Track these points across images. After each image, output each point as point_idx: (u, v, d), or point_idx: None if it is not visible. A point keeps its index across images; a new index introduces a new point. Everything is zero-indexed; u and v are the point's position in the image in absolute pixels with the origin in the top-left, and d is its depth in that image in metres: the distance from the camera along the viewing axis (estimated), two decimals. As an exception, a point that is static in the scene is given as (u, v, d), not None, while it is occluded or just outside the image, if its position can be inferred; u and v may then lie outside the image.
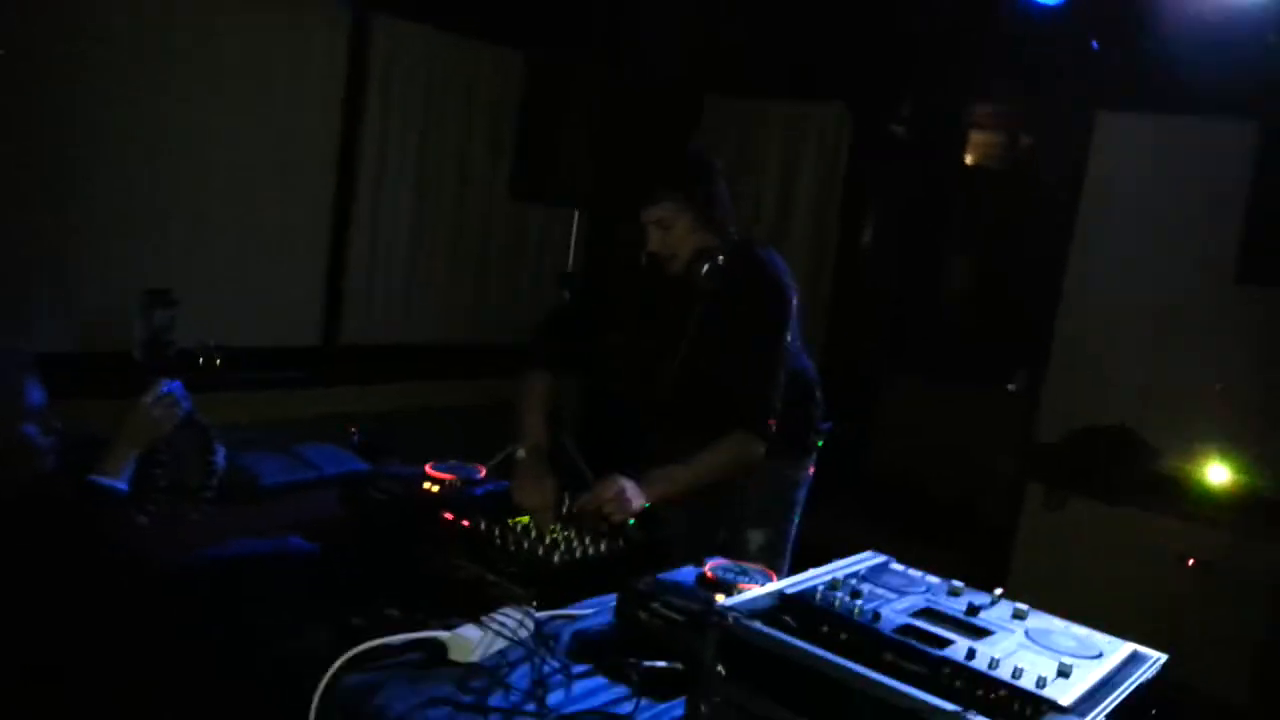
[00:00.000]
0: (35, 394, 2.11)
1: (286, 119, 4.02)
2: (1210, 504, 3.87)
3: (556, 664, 1.75)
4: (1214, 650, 3.57)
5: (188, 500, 2.26)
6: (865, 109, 4.79)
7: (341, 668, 1.63)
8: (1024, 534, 4.30)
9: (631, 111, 4.52)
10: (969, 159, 4.95)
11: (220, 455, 2.32)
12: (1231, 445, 3.86)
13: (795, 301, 2.61)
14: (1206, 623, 3.67)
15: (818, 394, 2.87)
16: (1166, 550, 3.86)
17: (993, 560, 4.25)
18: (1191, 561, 3.80)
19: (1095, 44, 3.90)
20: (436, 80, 4.50)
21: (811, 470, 2.89)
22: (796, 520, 2.86)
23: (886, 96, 4.84)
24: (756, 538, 2.72)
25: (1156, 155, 3.98)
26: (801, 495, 2.86)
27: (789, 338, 2.59)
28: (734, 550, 2.27)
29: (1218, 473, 3.87)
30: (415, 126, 4.46)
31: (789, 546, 2.82)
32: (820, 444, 2.89)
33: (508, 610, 1.84)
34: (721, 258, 2.52)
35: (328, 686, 1.61)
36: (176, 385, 2.28)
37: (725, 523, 2.76)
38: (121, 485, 2.07)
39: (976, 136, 4.92)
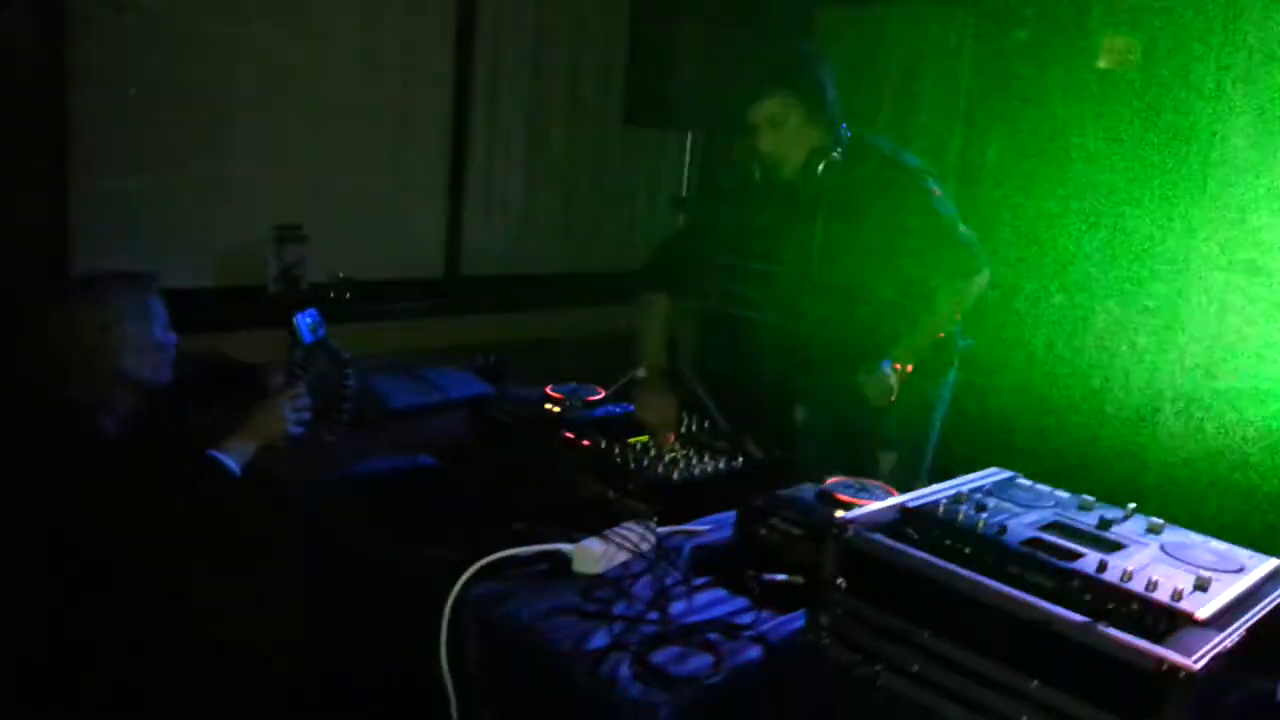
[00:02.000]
0: (159, 316, 2.15)
1: (399, 55, 4.08)
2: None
3: (678, 576, 1.78)
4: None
5: (323, 423, 2.35)
6: (988, 12, 4.54)
7: (472, 578, 1.70)
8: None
9: (742, 29, 4.41)
10: (1101, 63, 4.65)
11: (352, 379, 2.40)
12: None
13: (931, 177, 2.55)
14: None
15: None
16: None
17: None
18: None
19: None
20: (546, 8, 4.48)
21: (949, 390, 2.82)
22: (934, 441, 2.80)
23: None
24: (889, 459, 2.69)
25: None
26: (939, 416, 2.80)
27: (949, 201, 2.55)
28: (867, 472, 2.24)
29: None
30: (526, 57, 4.47)
31: (925, 469, 2.76)
32: (957, 361, 2.81)
33: (630, 525, 1.88)
34: (838, 152, 2.47)
35: (458, 596, 1.68)
36: (312, 312, 2.35)
37: (858, 443, 2.73)
38: (234, 468, 2.05)
39: (1108, 38, 4.60)
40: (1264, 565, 1.49)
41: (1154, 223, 3.77)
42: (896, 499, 1.66)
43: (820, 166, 2.46)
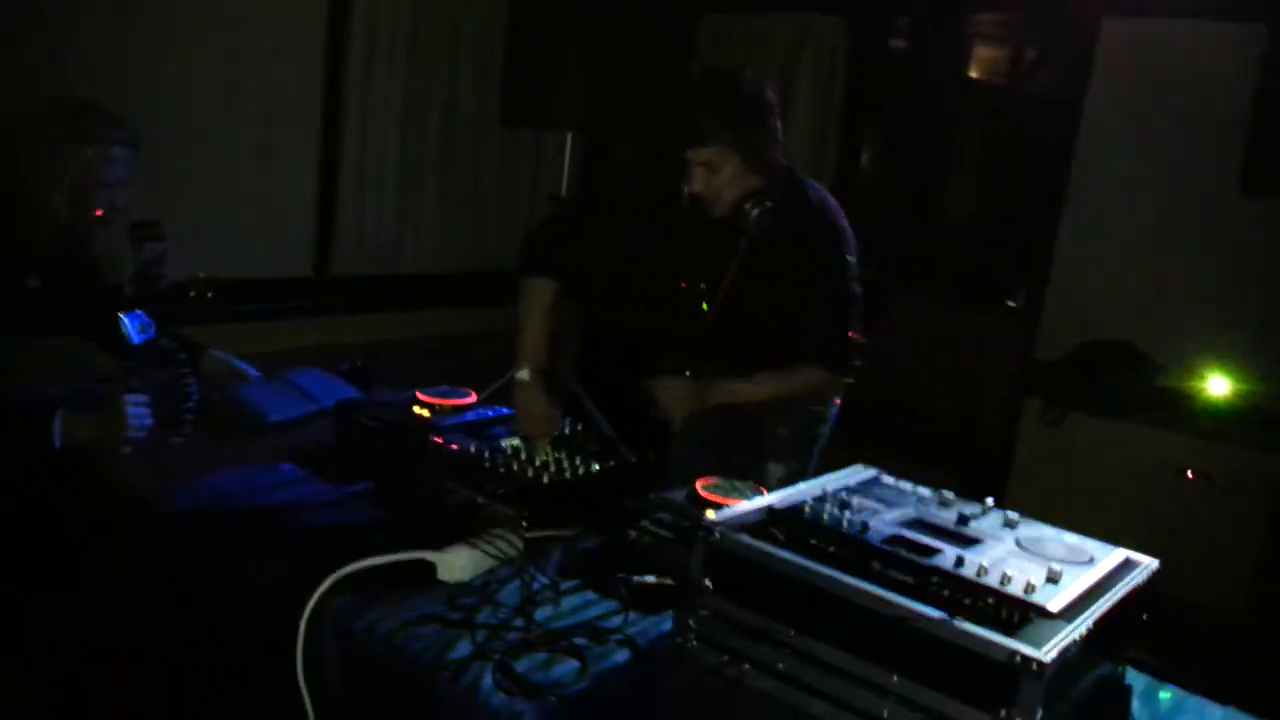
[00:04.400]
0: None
1: (271, 49, 3.94)
2: (1210, 417, 3.84)
3: (545, 580, 1.75)
4: (1213, 561, 3.59)
5: (168, 426, 2.25)
6: (863, 22, 4.66)
7: (332, 588, 1.63)
8: (1022, 450, 4.30)
9: (626, 29, 4.41)
10: (971, 73, 4.83)
11: (193, 380, 2.33)
12: (1232, 358, 3.82)
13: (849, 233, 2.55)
14: (1206, 535, 3.68)
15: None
16: (1166, 464, 3.86)
17: (991, 477, 4.25)
18: (1191, 474, 3.80)
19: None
20: (422, 2, 4.38)
21: (837, 403, 2.82)
22: (818, 453, 2.80)
23: (885, 9, 4.71)
24: (777, 470, 2.65)
25: (1160, 63, 3.85)
26: (826, 430, 2.80)
27: (856, 265, 2.54)
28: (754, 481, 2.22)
29: (1218, 385, 3.84)
30: (401, 52, 4.37)
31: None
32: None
33: (498, 531, 1.83)
34: (770, 203, 2.39)
35: (315, 607, 1.61)
36: (138, 314, 2.30)
37: (747, 454, 2.70)
38: (57, 438, 2.09)
39: (978, 49, 4.79)
40: (1112, 556, 1.55)
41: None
42: (763, 499, 1.67)
43: (754, 214, 2.39)
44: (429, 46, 4.46)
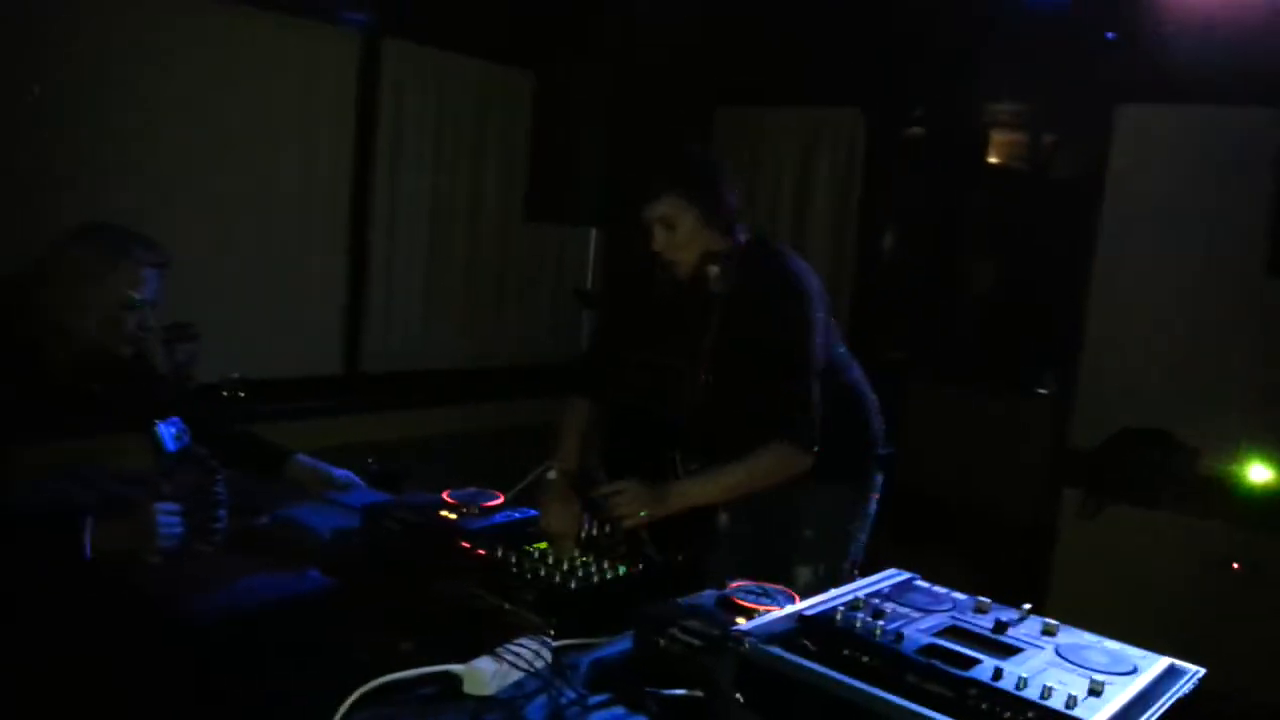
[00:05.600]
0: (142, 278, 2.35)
1: (299, 146, 4.06)
2: (1253, 505, 3.76)
3: (573, 695, 1.71)
4: (1262, 655, 3.47)
5: (197, 534, 2.23)
6: (879, 113, 4.75)
7: (355, 704, 1.61)
8: (1062, 542, 4.20)
9: (642, 125, 4.50)
10: (990, 159, 4.88)
11: (222, 487, 2.29)
12: (1267, 443, 3.75)
13: (819, 298, 2.49)
14: (1253, 627, 3.56)
15: (873, 409, 2.73)
16: (1210, 554, 3.76)
17: (1030, 571, 4.16)
18: (1237, 566, 3.70)
19: (1111, 35, 3.83)
20: (447, 102, 4.53)
21: (874, 501, 2.72)
22: (854, 554, 2.69)
23: (900, 99, 4.79)
24: (804, 574, 2.58)
25: (1179, 148, 3.89)
26: (859, 528, 2.70)
27: (820, 339, 2.46)
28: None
29: (1259, 472, 3.76)
30: (428, 150, 4.49)
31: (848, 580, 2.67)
32: (880, 473, 2.73)
33: (524, 640, 1.80)
34: (729, 259, 2.46)
35: (340, 725, 1.58)
36: (175, 421, 2.30)
37: (775, 556, 2.63)
38: (87, 547, 2.08)
39: (995, 136, 4.85)
40: (1155, 665, 1.50)
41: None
42: (794, 607, 1.63)
43: (713, 271, 2.45)
44: (455, 144, 4.57)
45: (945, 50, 4.32)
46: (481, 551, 2.11)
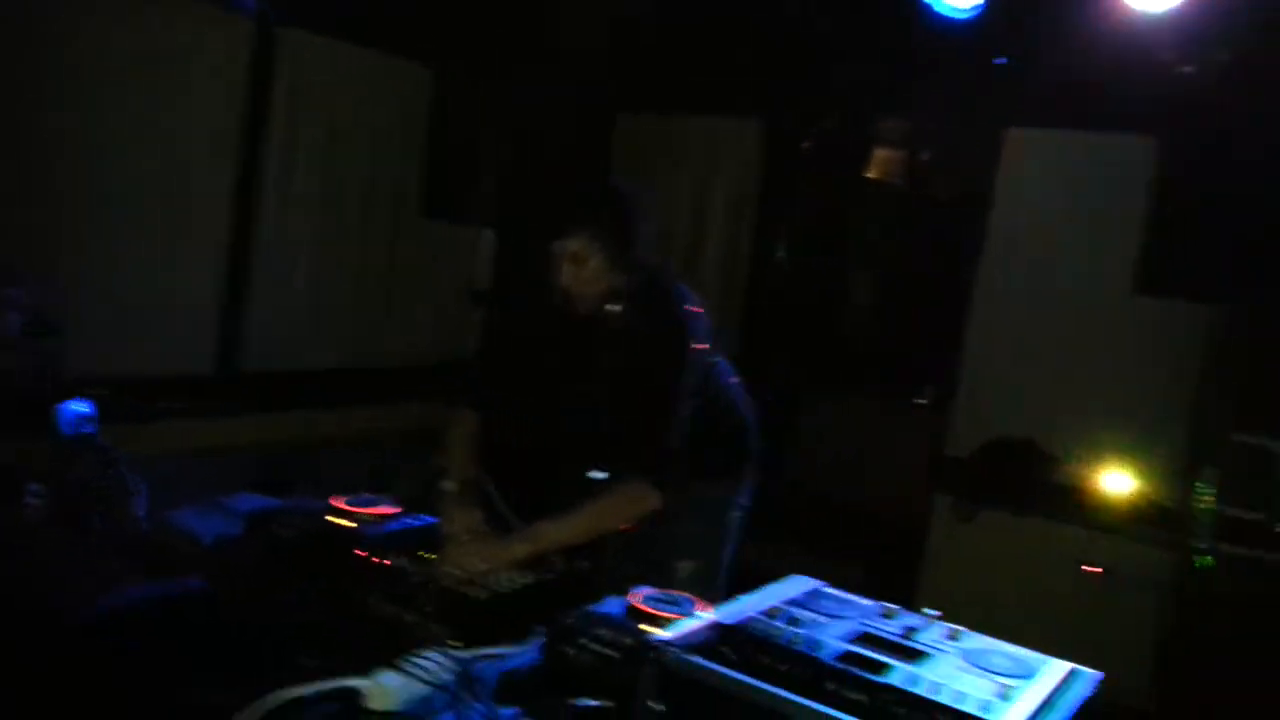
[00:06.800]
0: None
1: (184, 132, 3.84)
2: (1110, 511, 3.97)
3: (482, 709, 1.66)
4: (1117, 656, 3.66)
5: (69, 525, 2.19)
6: (777, 125, 4.82)
7: (253, 723, 1.52)
8: (933, 546, 4.36)
9: (544, 127, 4.45)
10: (880, 174, 5.02)
11: (113, 480, 2.25)
12: (1129, 453, 3.97)
13: (697, 331, 2.48)
14: (1107, 627, 3.75)
15: (750, 428, 2.80)
16: (1070, 558, 3.95)
17: (904, 570, 4.30)
18: (1086, 568, 3.89)
19: (1003, 60, 3.99)
20: (343, 95, 4.35)
21: (746, 499, 2.80)
22: (731, 549, 2.77)
23: (798, 112, 4.88)
24: (686, 566, 2.61)
25: (1060, 170, 4.09)
26: (733, 521, 2.78)
27: (690, 371, 2.44)
28: (662, 580, 2.18)
29: (1117, 480, 3.98)
30: (320, 142, 4.30)
31: (722, 576, 2.71)
32: (752, 468, 2.80)
33: (429, 653, 1.75)
34: (628, 297, 2.44)
35: (238, 744, 1.49)
36: (86, 403, 2.27)
37: (653, 552, 2.62)
38: None
39: (885, 152, 4.99)
40: (1056, 670, 1.56)
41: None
42: (710, 615, 1.63)
43: (612, 310, 2.44)
44: (349, 135, 4.40)
45: (843, 65, 4.42)
46: (387, 561, 2.03)
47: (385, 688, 1.64)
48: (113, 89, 3.60)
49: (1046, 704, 1.44)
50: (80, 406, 2.24)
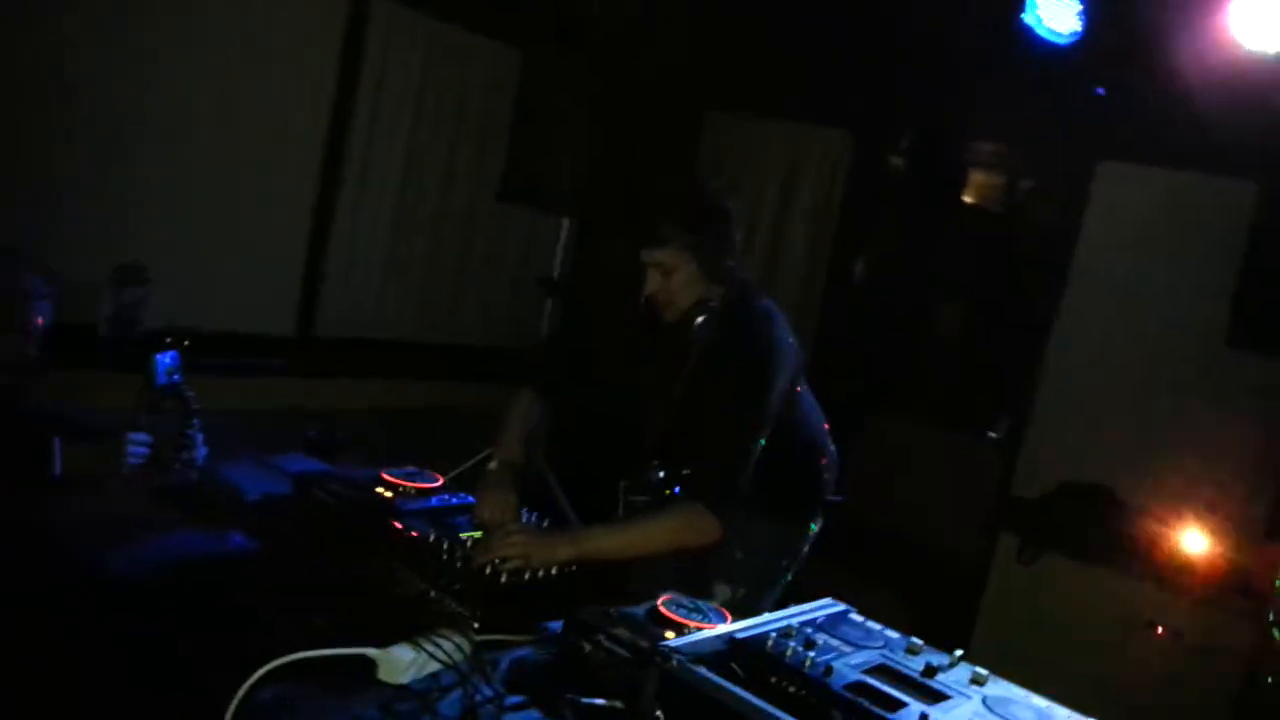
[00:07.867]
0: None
1: (275, 102, 3.93)
2: (1183, 570, 3.80)
3: (490, 692, 1.66)
4: (1177, 720, 3.51)
5: (157, 466, 2.32)
6: (867, 138, 4.73)
7: (264, 678, 1.54)
8: (993, 586, 4.23)
9: (630, 120, 4.41)
10: (966, 198, 4.88)
11: (197, 431, 2.38)
12: (1209, 512, 3.78)
13: (788, 364, 2.40)
14: (1171, 692, 3.60)
15: (829, 459, 2.70)
16: (1136, 614, 3.79)
17: (960, 611, 4.18)
18: (1160, 630, 3.73)
19: (1101, 90, 3.84)
20: (431, 71, 4.40)
21: (808, 544, 2.70)
22: (780, 585, 2.67)
23: (889, 127, 4.78)
24: (723, 591, 2.52)
25: (1154, 209, 3.90)
26: (788, 563, 2.68)
27: (774, 404, 2.35)
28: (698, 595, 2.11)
29: (1193, 539, 3.80)
30: (406, 117, 4.37)
31: (765, 608, 2.64)
32: (822, 518, 2.71)
33: (445, 631, 1.75)
34: (717, 309, 2.37)
35: (244, 698, 1.52)
36: (173, 354, 2.39)
37: (697, 569, 2.54)
38: (58, 465, 2.21)
39: (975, 175, 4.85)
40: (1081, 727, 1.48)
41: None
42: (726, 627, 1.60)
43: (698, 320, 2.37)
44: (435, 114, 4.46)
45: (939, 84, 4.31)
46: (414, 533, 2.05)
47: (398, 660, 1.65)
48: (205, 52, 3.69)
49: (1063, 762, 1.37)
50: (168, 358, 2.36)
